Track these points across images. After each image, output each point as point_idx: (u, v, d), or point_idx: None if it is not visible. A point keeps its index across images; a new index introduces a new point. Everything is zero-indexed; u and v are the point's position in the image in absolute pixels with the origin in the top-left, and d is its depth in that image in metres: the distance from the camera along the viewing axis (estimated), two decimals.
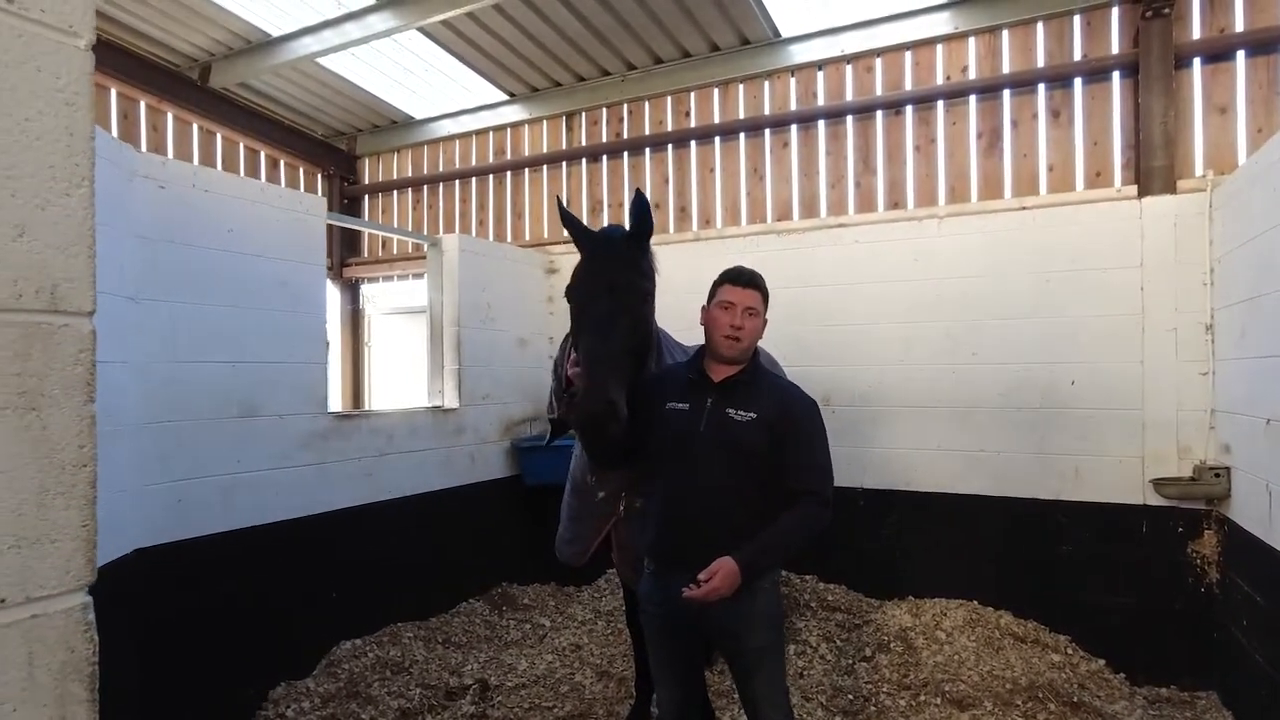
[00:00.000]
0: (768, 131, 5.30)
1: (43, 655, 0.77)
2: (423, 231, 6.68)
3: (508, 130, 6.39)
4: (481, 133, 6.51)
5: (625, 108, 5.84)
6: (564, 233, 5.64)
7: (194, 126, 5.87)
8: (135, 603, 2.93)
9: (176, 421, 3.24)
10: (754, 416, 2.20)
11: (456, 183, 6.67)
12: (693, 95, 5.58)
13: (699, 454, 2.20)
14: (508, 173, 6.38)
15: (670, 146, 5.65)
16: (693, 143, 5.57)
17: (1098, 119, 4.32)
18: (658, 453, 2.30)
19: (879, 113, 4.93)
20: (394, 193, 7.04)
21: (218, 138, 6.09)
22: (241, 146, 6.29)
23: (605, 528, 2.89)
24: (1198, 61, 4.04)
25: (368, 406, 6.98)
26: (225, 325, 3.45)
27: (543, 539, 3.68)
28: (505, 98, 6.17)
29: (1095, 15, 4.34)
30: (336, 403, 6.29)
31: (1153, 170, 3.98)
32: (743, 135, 5.40)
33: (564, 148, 6.11)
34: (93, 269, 0.82)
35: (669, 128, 5.65)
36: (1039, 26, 4.48)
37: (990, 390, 4.24)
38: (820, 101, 5.12)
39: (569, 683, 3.76)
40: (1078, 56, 4.38)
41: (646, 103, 5.75)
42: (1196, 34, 4.06)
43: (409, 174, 6.92)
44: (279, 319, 3.69)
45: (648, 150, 5.77)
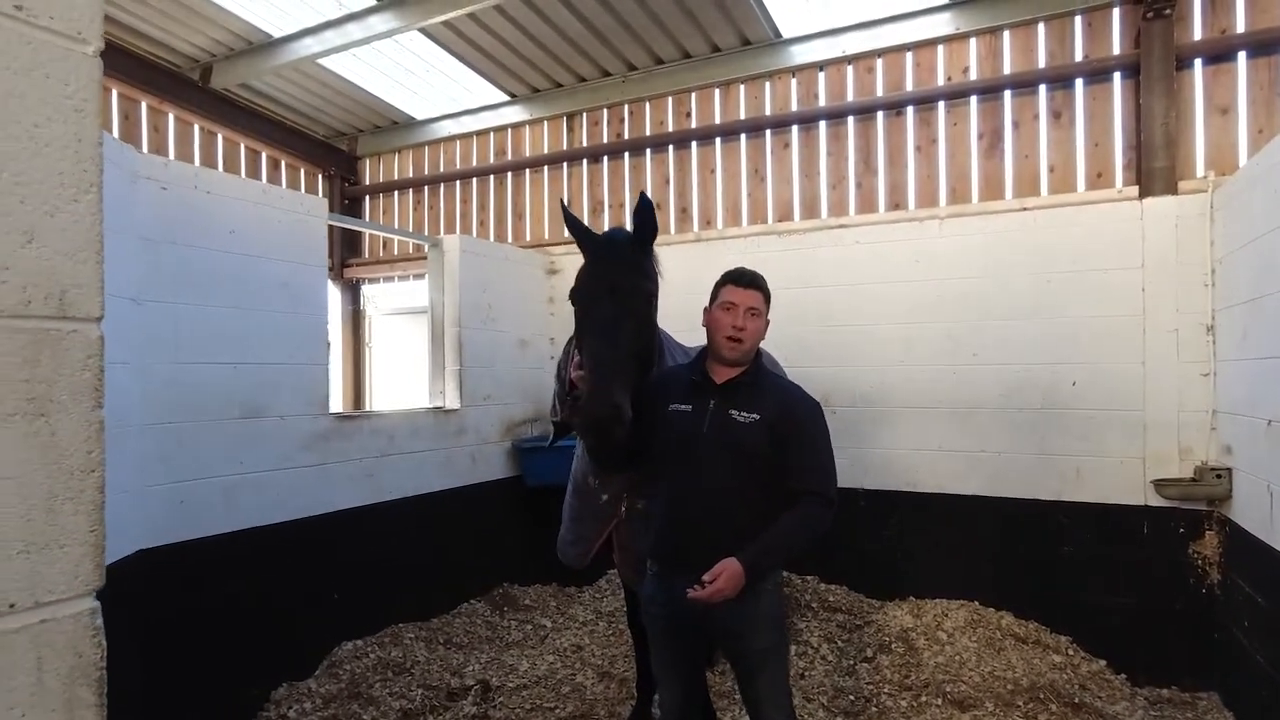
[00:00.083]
0: (769, 132, 5.30)
1: (51, 660, 0.78)
2: (424, 232, 6.68)
3: (508, 131, 6.39)
4: (482, 133, 6.51)
5: (626, 108, 5.84)
6: (565, 233, 5.67)
7: (195, 127, 5.88)
8: (137, 603, 2.93)
9: (178, 422, 3.24)
10: (757, 418, 2.20)
11: (457, 183, 6.67)
12: (694, 96, 5.58)
13: (702, 455, 2.20)
14: (508, 173, 6.38)
15: (671, 147, 5.65)
16: (694, 143, 5.57)
17: (1099, 120, 4.32)
18: (661, 454, 2.30)
19: (880, 113, 4.93)
20: (395, 193, 7.05)
21: (219, 138, 6.10)
22: (243, 147, 6.30)
23: (607, 529, 2.89)
24: (1199, 62, 4.05)
25: (368, 407, 6.98)
26: (227, 326, 3.46)
27: (544, 540, 3.68)
28: (506, 98, 6.17)
29: (1096, 16, 4.34)
30: (337, 403, 6.29)
31: (1154, 171, 3.99)
32: (744, 136, 5.40)
33: (565, 148, 6.11)
34: (101, 275, 0.82)
35: (670, 128, 5.65)
36: (1040, 27, 4.49)
37: (991, 391, 4.24)
38: (821, 102, 5.12)
39: (570, 683, 3.76)
40: (1079, 57, 4.38)
41: (647, 103, 5.75)
42: (1198, 35, 4.06)
43: (410, 174, 6.92)
44: (280, 320, 3.70)
45: (649, 151, 5.77)
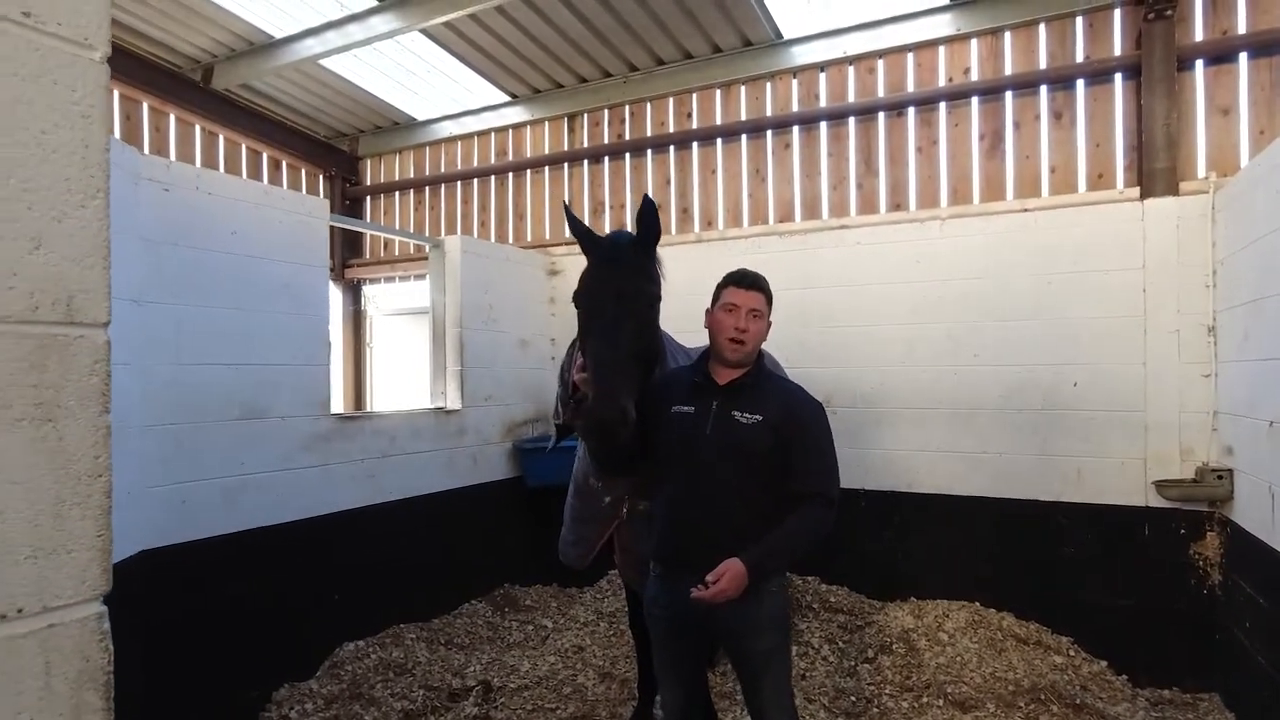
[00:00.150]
0: (770, 133, 5.30)
1: (59, 665, 0.78)
2: (424, 233, 6.69)
3: (509, 131, 6.39)
4: (483, 134, 6.51)
5: (627, 109, 5.84)
6: (566, 234, 5.68)
7: (196, 128, 5.88)
8: (139, 604, 2.93)
9: (179, 423, 3.25)
10: (759, 419, 2.20)
11: (458, 184, 6.67)
12: (695, 96, 5.58)
13: (704, 457, 2.20)
14: (509, 174, 6.38)
15: (672, 148, 5.65)
16: (695, 144, 5.58)
17: (1100, 121, 4.32)
18: (663, 456, 2.30)
19: (881, 114, 4.93)
20: (396, 194, 7.05)
21: (220, 139, 6.10)
22: (244, 148, 6.30)
23: (609, 530, 2.89)
24: (1200, 63, 4.05)
25: (369, 408, 6.98)
26: (228, 327, 3.46)
27: (545, 540, 3.68)
28: (507, 99, 6.17)
29: (1097, 17, 4.34)
30: (338, 404, 6.29)
31: (1155, 172, 3.99)
32: (745, 136, 5.40)
33: (566, 149, 6.11)
34: (108, 280, 0.82)
35: (671, 129, 5.66)
36: (1041, 28, 4.49)
37: (992, 392, 4.24)
38: (822, 103, 5.12)
39: (571, 684, 3.76)
40: (1080, 58, 4.38)
41: (648, 104, 5.75)
42: (1199, 36, 4.06)
43: (411, 175, 6.92)
44: (282, 321, 3.70)
45: (650, 151, 5.77)
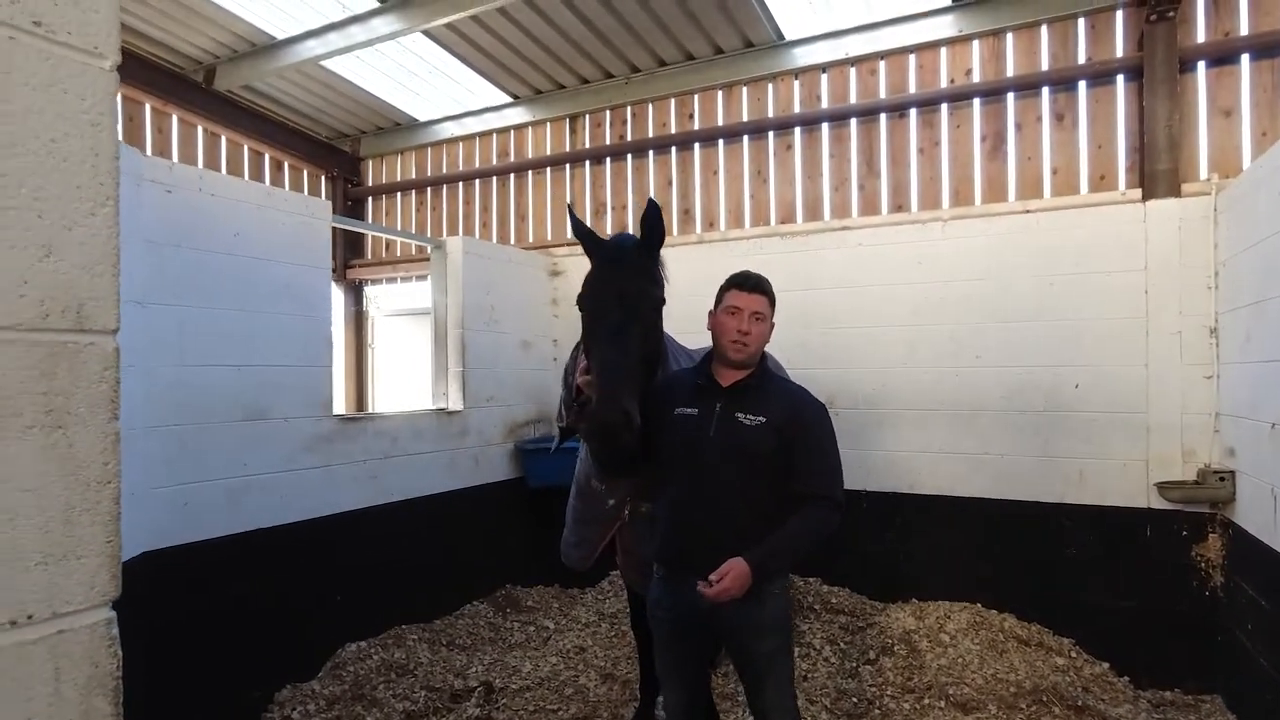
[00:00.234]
0: (771, 134, 5.30)
1: (69, 671, 0.78)
2: (426, 233, 6.69)
3: (511, 132, 6.40)
4: (485, 135, 6.51)
5: (629, 110, 5.84)
6: (568, 234, 5.68)
7: (199, 129, 5.89)
8: (141, 605, 2.91)
9: (182, 425, 3.25)
10: (763, 420, 2.20)
11: (460, 185, 6.68)
12: (696, 98, 5.58)
13: (708, 458, 2.21)
14: (511, 175, 6.39)
15: (674, 149, 5.65)
16: (696, 145, 5.58)
17: (1102, 122, 4.32)
18: (666, 458, 2.30)
19: (883, 115, 4.93)
20: (398, 194, 7.05)
21: (222, 140, 6.11)
22: (246, 148, 6.31)
23: (610, 532, 2.89)
24: (1202, 65, 4.05)
25: (371, 409, 6.98)
26: (231, 329, 3.47)
27: (546, 541, 3.69)
28: (509, 100, 6.17)
29: (1099, 18, 4.34)
30: (340, 405, 6.29)
31: (1157, 173, 3.99)
32: (746, 138, 5.40)
33: (568, 150, 6.11)
34: (117, 287, 0.83)
35: (673, 130, 5.66)
36: (1043, 30, 4.49)
37: (994, 393, 4.24)
38: (824, 104, 5.12)
39: (573, 685, 3.77)
40: (1082, 60, 4.38)
41: (650, 105, 5.75)
42: (1201, 37, 4.06)
43: (413, 176, 6.93)
44: (284, 322, 3.71)
45: (651, 153, 5.77)
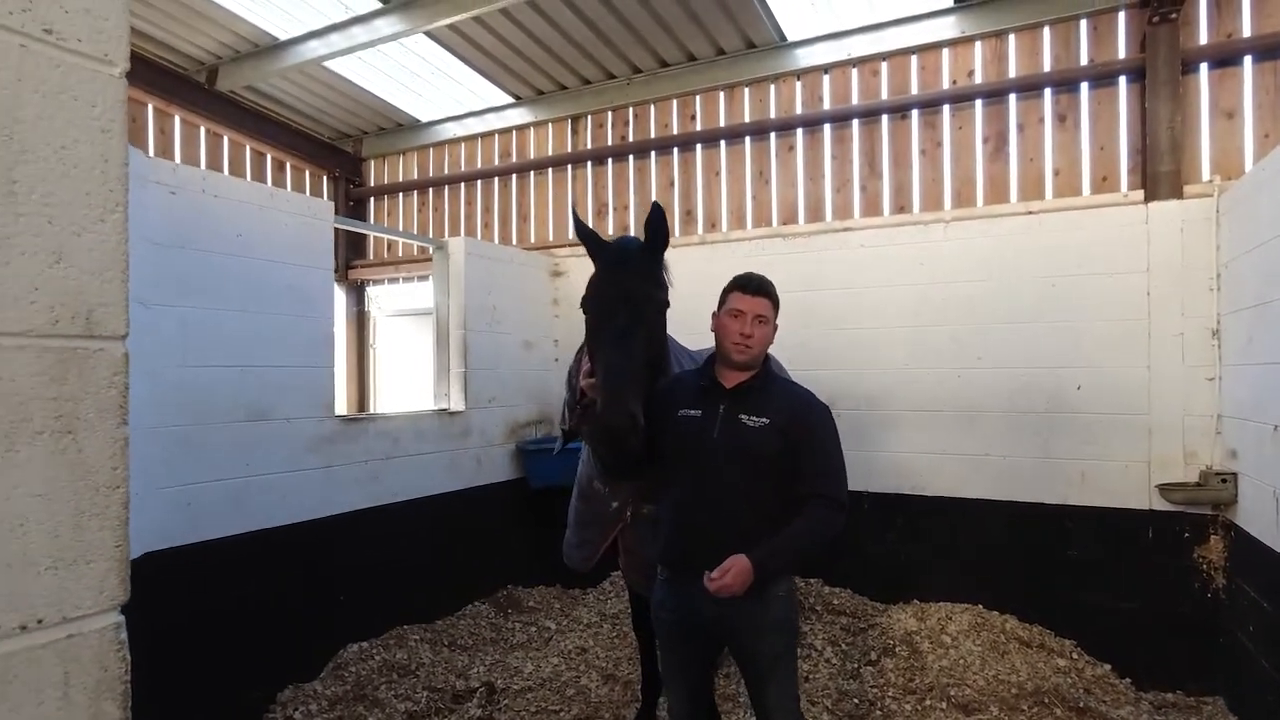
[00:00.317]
0: (773, 135, 5.30)
1: (78, 675, 0.78)
2: (428, 234, 6.70)
3: (513, 133, 6.40)
4: (487, 135, 6.52)
5: (631, 111, 5.85)
6: (570, 235, 5.69)
7: (201, 129, 5.89)
8: (143, 606, 2.90)
9: (185, 425, 3.26)
10: (767, 422, 2.20)
11: (462, 185, 6.68)
12: (698, 99, 5.58)
13: (712, 460, 2.21)
14: (513, 175, 6.39)
15: (676, 150, 5.66)
16: (698, 146, 5.58)
17: (1104, 123, 4.32)
18: (670, 460, 2.30)
19: (885, 117, 4.93)
20: (400, 195, 7.06)
21: (224, 140, 6.11)
22: (248, 149, 6.31)
23: (613, 533, 2.89)
24: (1204, 67, 4.04)
25: (372, 409, 6.99)
26: (234, 329, 3.47)
27: (548, 541, 3.69)
28: (511, 101, 6.17)
29: (1102, 20, 4.34)
30: (342, 405, 6.30)
31: (1159, 175, 3.98)
32: (748, 139, 5.41)
33: (569, 150, 6.12)
34: (126, 293, 0.83)
35: (674, 131, 5.66)
36: (1045, 31, 4.48)
37: (996, 395, 4.24)
38: (826, 105, 5.12)
39: (575, 686, 3.77)
40: (1084, 61, 4.38)
41: (652, 106, 5.76)
42: (1203, 39, 4.06)
43: (415, 176, 6.93)
44: (287, 323, 3.71)
45: (653, 153, 5.77)
